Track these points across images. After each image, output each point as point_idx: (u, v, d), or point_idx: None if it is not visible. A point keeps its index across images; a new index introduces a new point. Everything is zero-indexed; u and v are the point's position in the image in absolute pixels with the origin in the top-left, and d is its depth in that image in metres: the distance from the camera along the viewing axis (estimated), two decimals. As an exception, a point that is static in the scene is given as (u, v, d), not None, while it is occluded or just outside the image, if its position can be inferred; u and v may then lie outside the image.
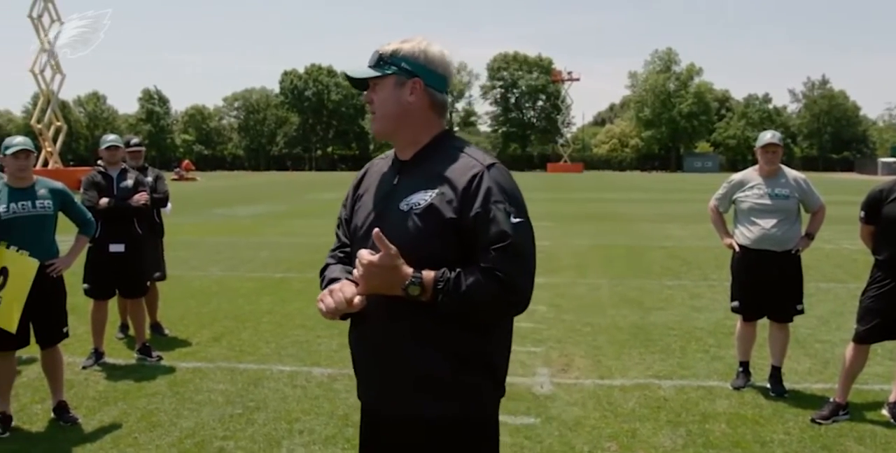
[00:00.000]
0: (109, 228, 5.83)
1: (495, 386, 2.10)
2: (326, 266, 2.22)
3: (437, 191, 1.96)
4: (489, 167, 1.98)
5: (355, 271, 1.97)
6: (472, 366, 2.02)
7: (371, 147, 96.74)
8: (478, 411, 2.07)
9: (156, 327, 6.94)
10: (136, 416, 4.77)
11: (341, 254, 2.23)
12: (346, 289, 1.98)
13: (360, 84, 2.12)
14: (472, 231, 1.92)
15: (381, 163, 2.22)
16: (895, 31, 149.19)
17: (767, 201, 5.15)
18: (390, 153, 2.22)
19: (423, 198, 1.97)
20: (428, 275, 1.89)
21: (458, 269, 1.90)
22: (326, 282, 2.13)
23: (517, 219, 1.93)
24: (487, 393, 2.08)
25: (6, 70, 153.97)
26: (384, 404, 2.12)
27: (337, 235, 2.28)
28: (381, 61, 2.07)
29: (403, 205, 1.99)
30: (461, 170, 1.98)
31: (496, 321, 2.06)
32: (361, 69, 2.09)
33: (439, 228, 1.94)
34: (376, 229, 1.91)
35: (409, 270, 1.90)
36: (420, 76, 2.05)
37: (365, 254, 1.92)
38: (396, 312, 1.98)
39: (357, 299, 1.96)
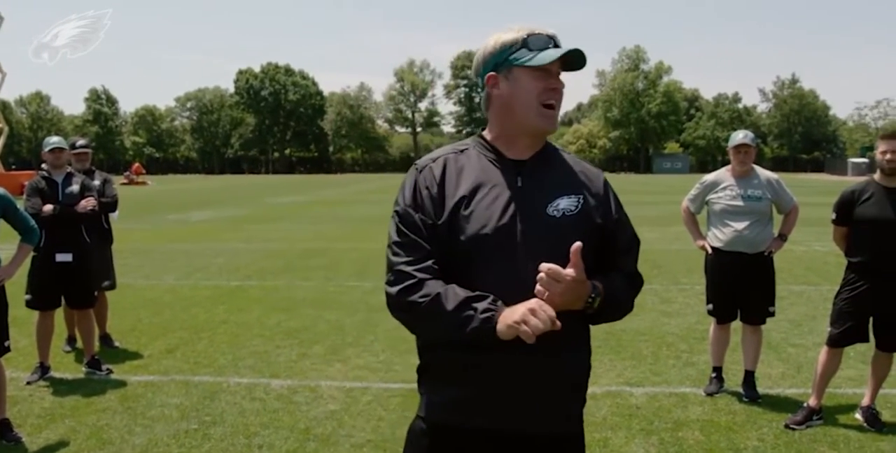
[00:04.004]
0: (55, 236, 5.55)
1: None
2: (421, 282, 1.86)
3: (581, 196, 1.97)
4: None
5: (538, 286, 1.78)
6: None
7: (331, 148, 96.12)
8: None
9: (105, 339, 6.68)
10: (85, 434, 4.56)
11: (436, 267, 1.89)
12: (547, 309, 1.76)
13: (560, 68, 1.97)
14: (612, 235, 1.99)
15: (466, 161, 2.00)
16: (865, 29, 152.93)
17: (740, 203, 5.09)
18: (470, 151, 2.03)
19: (572, 203, 1.95)
20: (598, 284, 1.88)
21: (608, 276, 1.94)
22: (464, 299, 1.81)
23: None
24: None
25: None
26: (533, 422, 1.94)
27: (415, 244, 1.90)
28: None
29: (553, 211, 1.93)
30: (591, 175, 2.03)
31: None
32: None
33: (590, 233, 1.93)
34: (577, 243, 1.77)
35: (590, 282, 1.85)
36: None
37: (562, 271, 1.77)
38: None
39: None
